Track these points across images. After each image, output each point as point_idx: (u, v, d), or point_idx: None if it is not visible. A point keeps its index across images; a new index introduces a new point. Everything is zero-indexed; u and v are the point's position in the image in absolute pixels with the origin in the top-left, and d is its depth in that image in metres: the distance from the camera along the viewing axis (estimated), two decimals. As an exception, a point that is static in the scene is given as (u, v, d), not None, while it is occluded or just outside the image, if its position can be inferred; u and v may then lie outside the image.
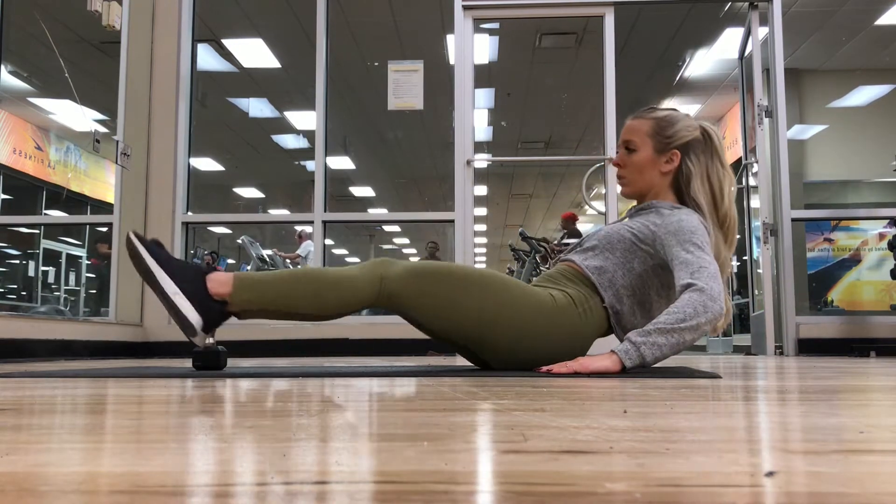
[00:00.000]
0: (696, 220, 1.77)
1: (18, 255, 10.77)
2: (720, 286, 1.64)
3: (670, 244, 1.74)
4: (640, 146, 1.91)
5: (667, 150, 1.89)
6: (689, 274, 1.66)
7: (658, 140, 1.89)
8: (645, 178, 1.91)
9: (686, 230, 1.73)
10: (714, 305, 1.60)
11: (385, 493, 0.41)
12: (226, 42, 7.35)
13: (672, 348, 1.60)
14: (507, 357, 1.84)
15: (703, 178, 1.88)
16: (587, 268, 1.86)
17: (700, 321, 1.59)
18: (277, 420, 0.78)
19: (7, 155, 9.21)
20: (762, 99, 4.41)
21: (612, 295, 1.83)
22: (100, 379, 1.66)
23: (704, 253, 1.69)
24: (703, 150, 1.90)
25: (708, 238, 1.76)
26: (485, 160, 9.67)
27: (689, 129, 1.89)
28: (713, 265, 1.68)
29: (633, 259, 1.83)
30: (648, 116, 1.93)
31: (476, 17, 4.58)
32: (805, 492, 0.41)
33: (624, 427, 0.69)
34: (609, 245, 1.86)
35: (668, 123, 1.90)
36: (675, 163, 1.89)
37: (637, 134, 1.92)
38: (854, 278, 7.61)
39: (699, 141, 1.90)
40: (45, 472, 0.47)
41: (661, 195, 1.92)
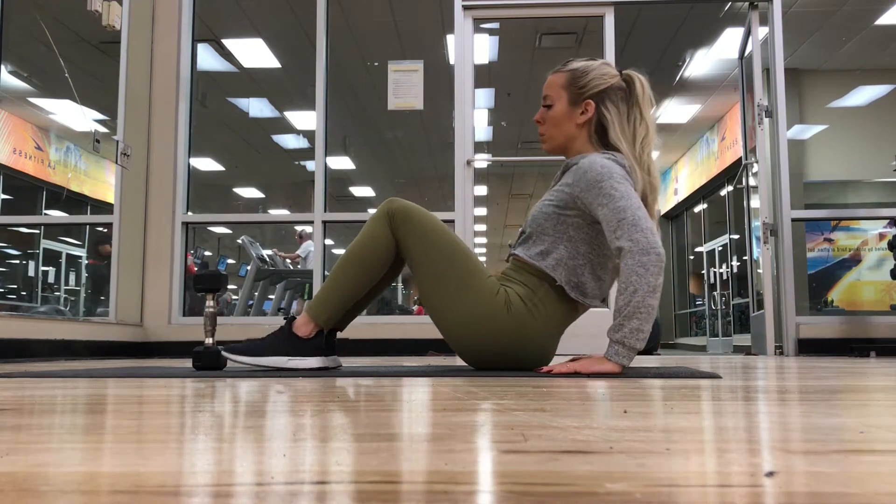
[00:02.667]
0: (598, 164, 1.71)
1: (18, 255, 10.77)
2: (644, 230, 1.59)
3: (588, 203, 1.71)
4: (556, 100, 1.87)
5: (580, 100, 1.84)
6: (612, 234, 1.63)
7: (572, 91, 1.85)
8: (562, 132, 1.87)
9: (593, 182, 1.69)
10: (649, 258, 1.57)
11: (385, 493, 0.41)
12: (226, 42, 7.35)
13: (647, 321, 1.59)
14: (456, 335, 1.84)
15: (623, 125, 1.83)
16: (530, 257, 1.83)
17: (649, 281, 1.57)
18: (277, 420, 0.78)
19: (7, 155, 9.21)
20: (762, 99, 4.41)
21: (564, 272, 1.79)
22: (100, 379, 1.66)
23: (616, 199, 1.64)
24: (623, 98, 1.85)
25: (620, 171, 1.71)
26: (485, 160, 9.67)
27: (605, 77, 1.84)
28: (629, 209, 1.62)
29: (567, 229, 1.79)
30: (564, 69, 1.89)
31: (476, 17, 4.58)
32: (805, 492, 0.41)
33: (624, 427, 0.69)
34: (538, 226, 1.83)
35: (581, 74, 1.85)
36: (590, 113, 1.84)
37: (552, 88, 1.89)
38: (854, 278, 7.61)
39: (617, 88, 1.84)
40: (45, 472, 0.47)
41: (581, 147, 1.87)
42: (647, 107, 1.84)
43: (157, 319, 4.29)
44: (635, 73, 1.88)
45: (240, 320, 5.17)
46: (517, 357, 1.82)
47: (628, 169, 1.76)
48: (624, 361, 1.60)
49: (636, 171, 1.76)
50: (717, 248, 11.07)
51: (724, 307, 10.64)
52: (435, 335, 4.21)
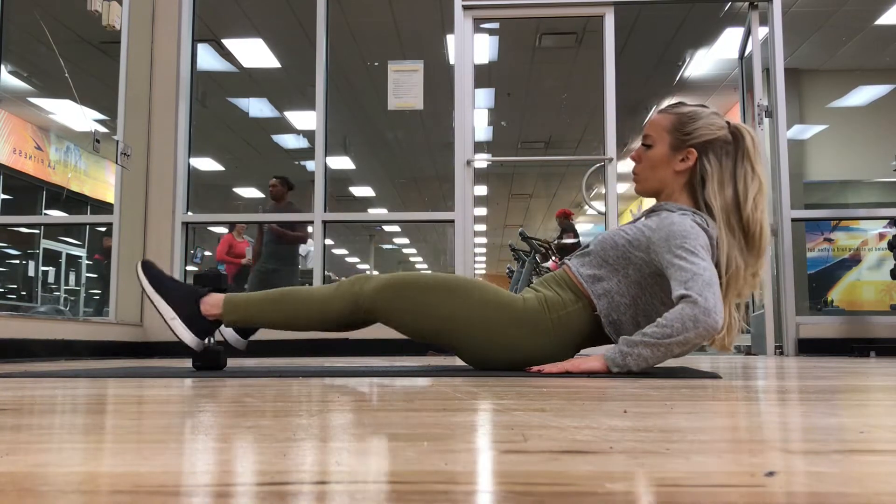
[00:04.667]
0: (688, 223, 1.66)
1: (18, 255, 10.77)
2: (716, 296, 1.55)
3: (662, 251, 1.65)
4: (657, 142, 1.79)
5: (683, 147, 1.76)
6: (683, 283, 1.57)
7: (676, 137, 1.77)
8: (657, 176, 1.80)
9: (677, 234, 1.63)
10: (706, 319, 1.52)
11: (385, 493, 0.41)
12: (226, 42, 7.35)
13: (658, 360, 1.58)
14: (481, 358, 1.84)
15: (722, 181, 1.74)
16: (580, 275, 1.79)
17: (689, 336, 1.53)
18: (277, 420, 0.78)
19: (7, 155, 9.21)
20: (762, 99, 4.41)
21: (606, 304, 1.76)
22: (100, 379, 1.66)
23: (698, 258, 1.59)
24: (728, 152, 1.76)
25: (706, 242, 1.65)
26: (485, 160, 9.67)
27: (712, 128, 1.75)
28: (708, 271, 1.58)
29: (627, 266, 1.74)
30: (672, 112, 1.81)
31: (476, 17, 4.57)
32: (805, 492, 0.41)
33: (624, 427, 0.69)
34: (603, 251, 1.78)
35: (689, 119, 1.77)
36: (691, 162, 1.76)
37: (656, 129, 1.80)
38: (854, 278, 7.61)
39: (723, 141, 1.76)
40: (45, 472, 0.47)
41: (675, 195, 1.80)
42: (759, 162, 1.75)
43: (157, 319, 4.28)
44: (745, 126, 1.78)
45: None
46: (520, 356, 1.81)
47: (714, 242, 1.70)
48: (614, 368, 1.60)
49: (722, 244, 1.70)
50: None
51: (724, 307, 10.62)
52: (435, 335, 4.21)
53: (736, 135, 1.77)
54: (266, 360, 3.09)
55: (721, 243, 1.69)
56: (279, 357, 3.83)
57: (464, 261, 4.30)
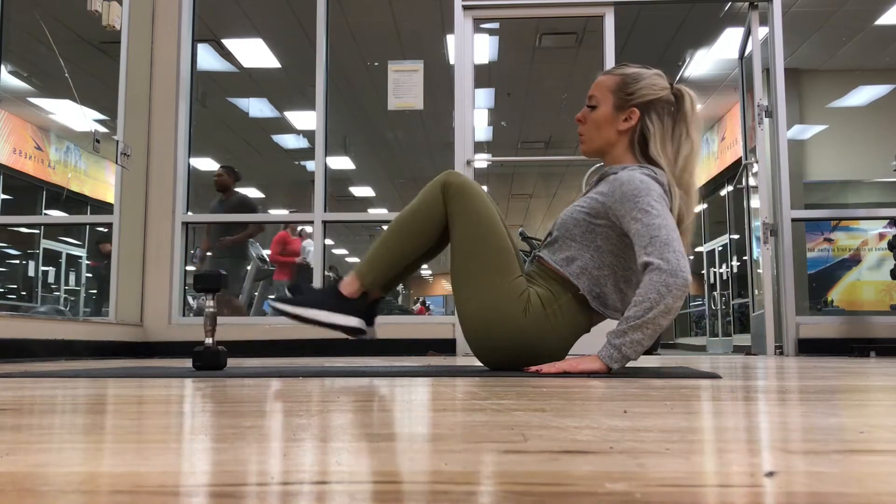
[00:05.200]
0: (638, 179, 1.67)
1: (18, 255, 10.77)
2: (676, 252, 1.57)
3: (621, 215, 1.68)
4: (601, 102, 1.82)
5: (626, 107, 1.79)
6: (643, 249, 1.59)
7: (619, 97, 1.80)
8: (602, 135, 1.83)
9: (629, 195, 1.65)
10: (675, 280, 1.54)
11: (385, 493, 0.41)
12: (226, 42, 7.35)
13: (651, 338, 1.59)
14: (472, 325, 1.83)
15: (665, 139, 1.78)
16: (555, 262, 1.80)
17: (667, 302, 1.54)
18: (277, 420, 0.78)
19: (7, 155, 9.20)
20: (762, 99, 4.41)
21: (587, 281, 1.77)
22: (100, 379, 1.66)
23: (653, 216, 1.61)
24: (669, 112, 1.80)
25: (659, 191, 1.67)
26: (485, 160, 9.67)
27: (654, 88, 1.79)
28: (664, 228, 1.59)
29: (595, 238, 1.76)
30: (616, 73, 1.84)
31: (476, 17, 4.58)
32: (805, 492, 0.41)
33: (624, 427, 0.69)
34: (567, 232, 1.80)
35: (632, 80, 1.80)
36: (633, 121, 1.79)
37: (600, 90, 1.84)
38: (854, 278, 7.61)
39: (665, 101, 1.79)
40: (45, 472, 0.47)
41: (620, 154, 1.83)
42: (694, 125, 1.79)
43: (157, 319, 4.29)
44: (687, 89, 1.82)
45: (240, 320, 5.18)
46: (527, 359, 1.81)
47: (667, 188, 1.72)
48: (614, 365, 1.60)
49: (674, 190, 1.73)
50: (717, 248, 11.07)
51: (724, 307, 10.64)
52: (435, 335, 4.22)
53: (678, 96, 1.81)
54: (266, 360, 3.09)
55: (674, 192, 1.73)
56: (279, 357, 3.83)
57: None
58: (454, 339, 4.18)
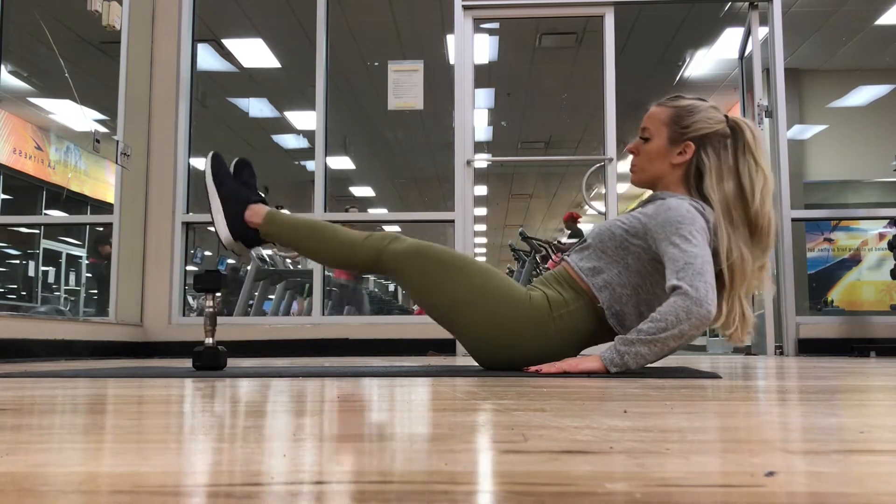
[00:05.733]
0: (685, 208, 1.66)
1: (18, 255, 10.77)
2: (707, 284, 1.55)
3: (658, 237, 1.66)
4: (655, 134, 1.80)
5: (680, 140, 1.77)
6: (675, 273, 1.58)
7: (673, 129, 1.78)
8: (654, 168, 1.81)
9: (673, 221, 1.63)
10: (698, 310, 1.53)
11: (385, 493, 0.41)
12: (226, 42, 7.35)
13: (656, 356, 1.59)
14: (484, 349, 1.84)
15: (721, 174, 1.73)
16: (580, 269, 1.79)
17: (683, 329, 1.53)
18: (277, 420, 0.78)
19: (7, 155, 9.20)
20: (762, 99, 4.41)
21: (608, 296, 1.75)
22: (100, 379, 1.66)
23: (692, 245, 1.60)
24: (726, 146, 1.76)
25: (702, 225, 1.65)
26: (485, 160, 9.67)
27: (710, 121, 1.76)
28: (700, 259, 1.58)
29: (626, 256, 1.75)
30: (670, 105, 1.82)
31: (476, 17, 4.57)
32: (805, 492, 0.41)
33: (624, 427, 0.69)
34: (601, 243, 1.78)
35: (686, 113, 1.78)
36: (688, 155, 1.77)
37: (653, 122, 1.81)
38: (854, 278, 7.60)
39: (721, 135, 1.76)
40: (45, 472, 0.47)
41: (672, 187, 1.80)
42: (761, 155, 1.74)
43: (157, 319, 4.29)
44: (745, 120, 1.79)
45: (240, 320, 5.18)
46: (523, 354, 1.80)
47: (711, 226, 1.69)
48: (612, 369, 1.60)
49: (720, 234, 1.69)
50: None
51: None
52: (435, 335, 4.21)
53: (735, 128, 1.78)
54: (266, 361, 3.09)
55: (720, 233, 1.69)
56: (279, 357, 3.83)
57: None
58: (454, 339, 4.17)
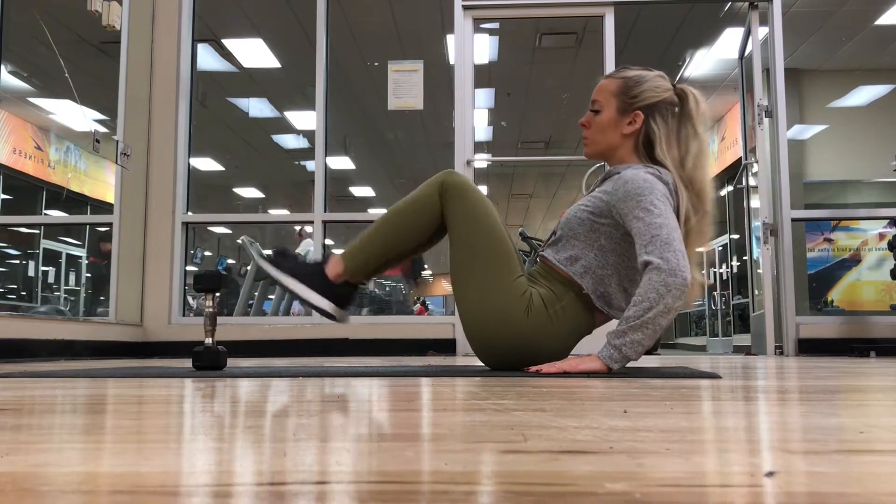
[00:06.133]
0: (642, 178, 1.67)
1: (18, 255, 10.77)
2: (676, 252, 1.57)
3: (624, 213, 1.67)
4: (605, 106, 1.82)
5: (630, 110, 1.79)
6: (644, 248, 1.59)
7: (622, 100, 1.80)
8: (606, 139, 1.83)
9: (632, 194, 1.65)
10: (674, 280, 1.54)
11: (385, 493, 0.41)
12: (226, 42, 7.35)
13: (651, 338, 1.59)
14: (472, 325, 1.82)
15: (671, 140, 1.78)
16: (558, 261, 1.80)
17: (667, 302, 1.54)
18: (277, 420, 0.78)
19: (7, 155, 9.20)
20: (762, 99, 4.41)
21: (591, 280, 1.77)
22: (100, 379, 1.66)
23: (654, 216, 1.61)
24: (673, 113, 1.80)
25: (663, 190, 1.67)
26: (485, 160, 9.67)
27: (658, 90, 1.79)
28: (665, 228, 1.59)
29: (598, 237, 1.76)
30: (618, 76, 1.84)
31: (476, 17, 4.57)
32: (805, 492, 0.41)
33: (624, 427, 0.69)
34: (571, 231, 1.79)
35: (634, 83, 1.80)
36: (637, 124, 1.79)
37: (603, 93, 1.84)
38: (854, 278, 7.61)
39: (669, 103, 1.80)
40: (45, 472, 0.47)
41: (625, 157, 1.83)
42: (701, 123, 1.79)
43: (157, 319, 4.29)
44: (690, 88, 1.82)
45: (240, 320, 5.18)
46: (528, 359, 1.81)
47: (671, 187, 1.72)
48: (614, 365, 1.60)
49: (681, 191, 1.72)
50: (717, 248, 11.07)
51: (724, 307, 10.64)
52: (435, 335, 4.22)
53: (681, 96, 1.81)
54: (266, 361, 3.09)
55: (680, 193, 1.72)
56: (279, 357, 3.83)
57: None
58: (454, 339, 4.18)
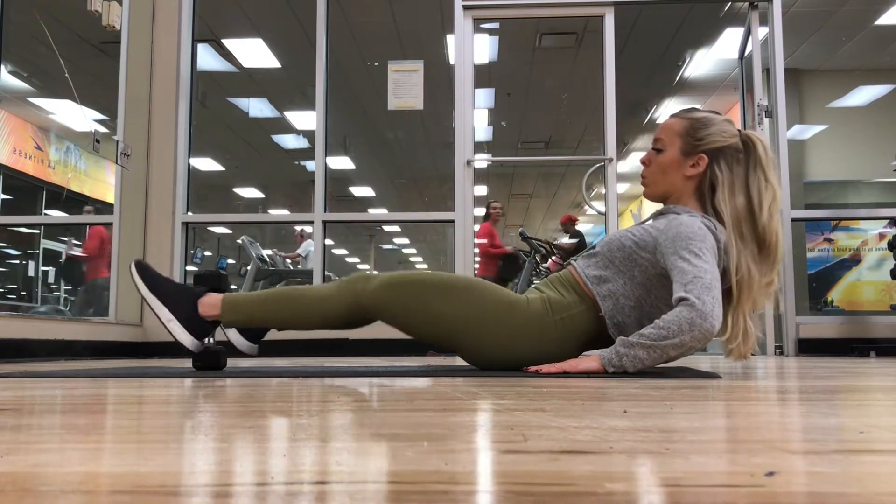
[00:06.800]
0: (697, 225, 1.66)
1: (18, 255, 10.77)
2: (714, 299, 1.55)
3: (668, 251, 1.65)
4: (668, 146, 1.79)
5: (694, 152, 1.76)
6: (683, 285, 1.57)
7: (687, 141, 1.77)
8: (667, 180, 1.80)
9: (684, 236, 1.63)
10: (703, 323, 1.53)
11: (385, 493, 0.41)
12: (226, 42, 7.35)
13: (654, 361, 1.59)
14: (484, 358, 1.84)
15: (733, 188, 1.73)
16: (586, 276, 1.79)
17: (684, 339, 1.53)
18: (277, 420, 0.78)
19: (7, 155, 9.20)
20: (762, 99, 4.41)
21: (611, 306, 1.76)
22: (100, 379, 1.66)
23: (702, 261, 1.60)
24: (738, 160, 1.75)
25: (712, 244, 1.65)
26: (485, 160, 9.67)
27: (724, 135, 1.76)
28: (709, 274, 1.58)
29: (633, 268, 1.74)
30: (685, 116, 1.81)
31: (476, 17, 4.57)
32: (805, 492, 0.41)
33: (624, 427, 0.69)
34: (609, 252, 1.78)
35: (701, 125, 1.77)
36: (701, 167, 1.76)
37: (667, 133, 1.80)
38: (854, 278, 7.61)
39: (734, 149, 1.75)
40: (45, 472, 0.47)
41: (684, 200, 1.80)
42: (771, 170, 1.73)
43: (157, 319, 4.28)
44: (757, 135, 1.78)
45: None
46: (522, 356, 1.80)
47: (723, 246, 1.69)
48: (610, 368, 1.61)
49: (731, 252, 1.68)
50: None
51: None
52: (435, 335, 4.21)
53: (747, 143, 1.77)
54: (266, 361, 3.09)
55: (731, 249, 1.68)
56: (279, 357, 3.83)
57: (464, 261, 4.30)
58: (454, 339, 4.17)
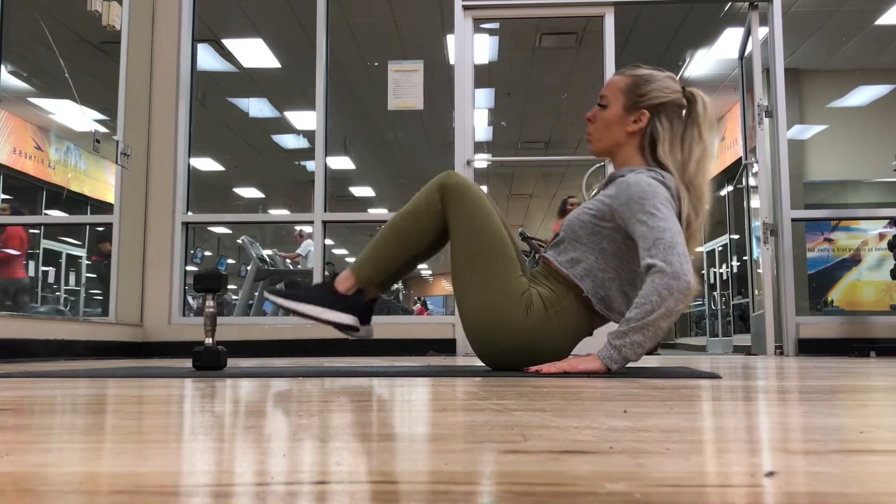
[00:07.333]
0: (645, 182, 1.67)
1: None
2: (680, 256, 1.56)
3: (626, 217, 1.67)
4: (612, 102, 1.81)
5: (636, 108, 1.79)
6: (647, 251, 1.59)
7: (630, 97, 1.79)
8: (610, 136, 1.82)
9: (635, 197, 1.65)
10: (678, 283, 1.54)
11: (385, 493, 0.41)
12: (226, 42, 7.35)
13: (652, 340, 1.59)
14: (473, 323, 1.83)
15: (674, 142, 1.77)
16: (560, 263, 1.80)
17: (668, 305, 1.54)
18: (277, 420, 0.78)
19: (7, 155, 9.21)
20: (762, 99, 4.41)
21: (591, 283, 1.77)
22: (100, 379, 1.66)
23: (658, 218, 1.61)
24: (680, 115, 1.79)
25: (665, 195, 1.67)
26: (485, 160, 9.67)
27: (666, 91, 1.78)
28: (669, 231, 1.59)
29: (601, 241, 1.76)
30: (629, 73, 1.83)
31: (476, 17, 4.57)
32: (805, 492, 0.41)
33: (624, 427, 0.69)
34: (573, 233, 1.79)
35: (643, 81, 1.80)
36: (643, 123, 1.78)
37: (612, 89, 1.83)
38: (854, 278, 7.61)
39: (676, 104, 1.79)
40: (45, 472, 0.47)
41: (628, 155, 1.82)
42: (707, 128, 1.78)
43: (157, 319, 4.29)
44: (699, 92, 1.81)
45: (240, 320, 5.17)
46: (527, 359, 1.81)
47: (674, 192, 1.71)
48: (613, 366, 1.60)
49: (683, 195, 1.72)
50: (717, 248, 11.07)
51: (724, 307, 10.64)
52: (435, 335, 4.22)
53: (690, 99, 1.81)
54: (266, 361, 3.09)
55: (682, 196, 1.72)
56: (279, 357, 3.83)
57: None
58: (454, 339, 4.18)
